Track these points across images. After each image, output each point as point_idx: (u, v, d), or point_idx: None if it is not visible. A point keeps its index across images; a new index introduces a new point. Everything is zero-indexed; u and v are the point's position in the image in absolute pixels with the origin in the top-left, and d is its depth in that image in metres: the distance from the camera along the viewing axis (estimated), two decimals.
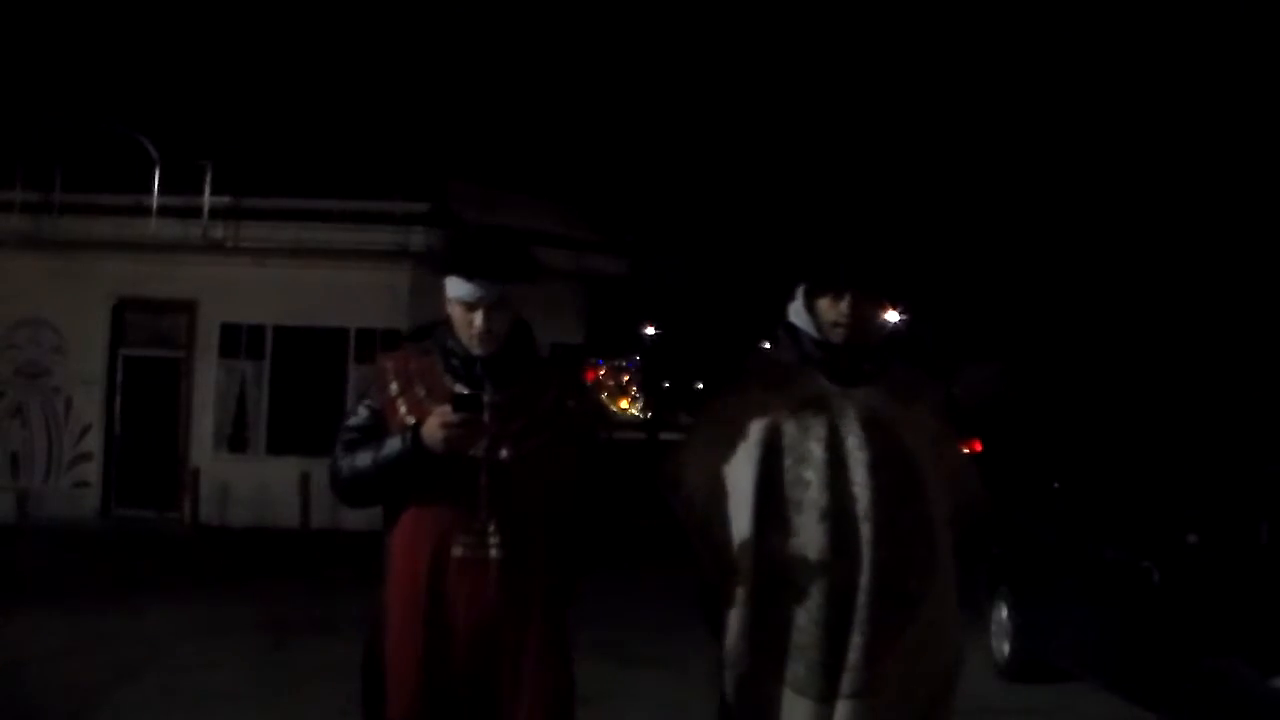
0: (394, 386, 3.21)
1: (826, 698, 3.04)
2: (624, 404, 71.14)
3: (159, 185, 15.87)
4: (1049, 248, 30.53)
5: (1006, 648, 8.07)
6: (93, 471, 16.58)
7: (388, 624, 3.19)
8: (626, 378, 76.58)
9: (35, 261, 16.20)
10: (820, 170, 32.84)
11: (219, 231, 16.12)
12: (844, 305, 3.14)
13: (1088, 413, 29.02)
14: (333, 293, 15.77)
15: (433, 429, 3.05)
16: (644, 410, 52.15)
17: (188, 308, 16.64)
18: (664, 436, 39.61)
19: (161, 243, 16.01)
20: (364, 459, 3.16)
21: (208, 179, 15.87)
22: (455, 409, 3.07)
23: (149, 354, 16.81)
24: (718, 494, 3.19)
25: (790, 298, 3.29)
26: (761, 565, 3.11)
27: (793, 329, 3.26)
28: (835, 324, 3.17)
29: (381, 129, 16.61)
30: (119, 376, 16.77)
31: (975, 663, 8.19)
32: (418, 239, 15.42)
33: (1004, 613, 8.18)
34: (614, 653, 8.29)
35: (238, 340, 16.62)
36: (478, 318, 3.15)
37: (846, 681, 3.03)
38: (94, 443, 16.61)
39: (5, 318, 16.53)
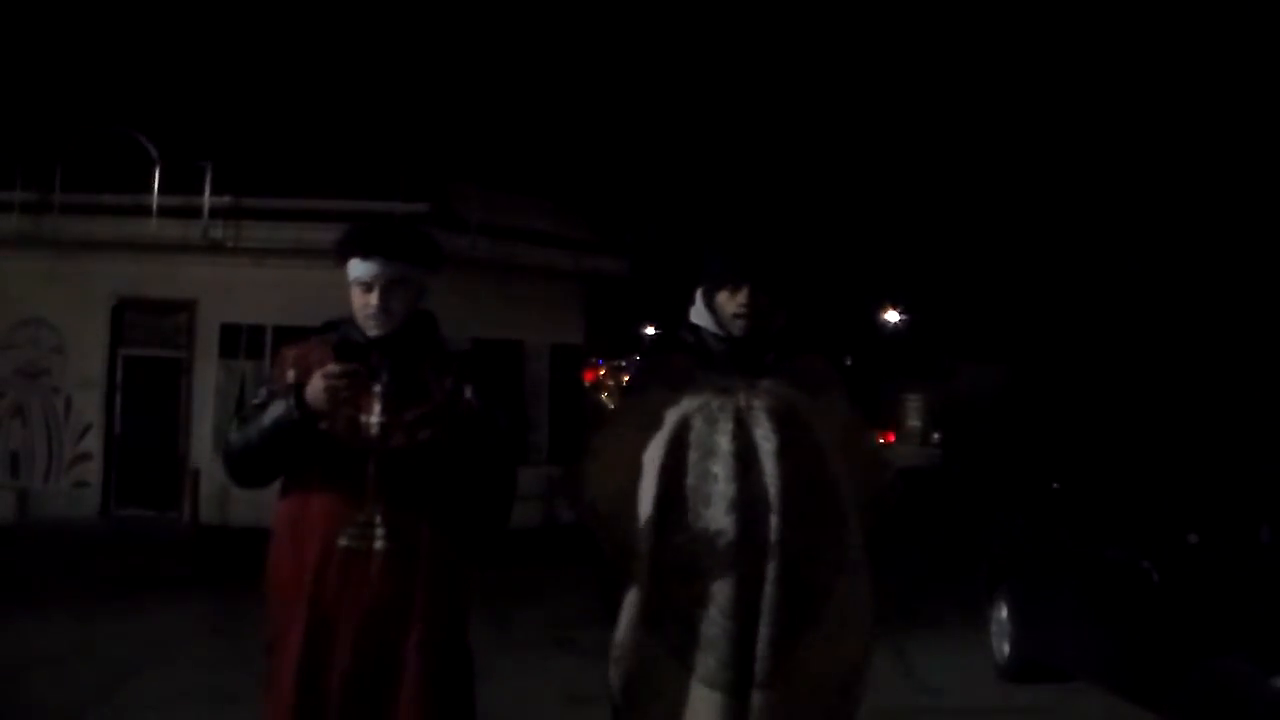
0: (291, 374, 3.20)
1: (737, 690, 3.05)
2: None
3: (159, 185, 15.86)
4: (1050, 249, 30.53)
5: (1006, 648, 8.07)
6: (93, 471, 16.57)
7: (270, 613, 3.18)
8: (626, 378, 76.61)
9: (35, 261, 16.20)
10: (819, 170, 32.82)
11: (219, 231, 16.12)
12: (742, 296, 3.22)
13: (1088, 413, 29.02)
14: (333, 293, 15.61)
15: (315, 383, 3.05)
16: None
17: (188, 308, 16.63)
18: None
19: (161, 243, 16.00)
20: (251, 429, 3.16)
21: (208, 179, 15.87)
22: (337, 358, 3.08)
23: (149, 354, 16.80)
24: (624, 493, 3.21)
25: (690, 301, 3.37)
26: (669, 560, 3.12)
27: (694, 328, 3.34)
28: (735, 315, 3.24)
29: (382, 129, 16.61)
30: (119, 376, 16.76)
31: (975, 663, 8.23)
32: None
33: (1004, 613, 8.18)
34: None
35: (238, 340, 16.61)
36: (373, 297, 3.21)
37: (759, 672, 3.05)
38: (94, 443, 16.61)
39: (5, 318, 16.52)
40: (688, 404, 3.22)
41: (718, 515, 3.11)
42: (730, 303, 3.25)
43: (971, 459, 31.77)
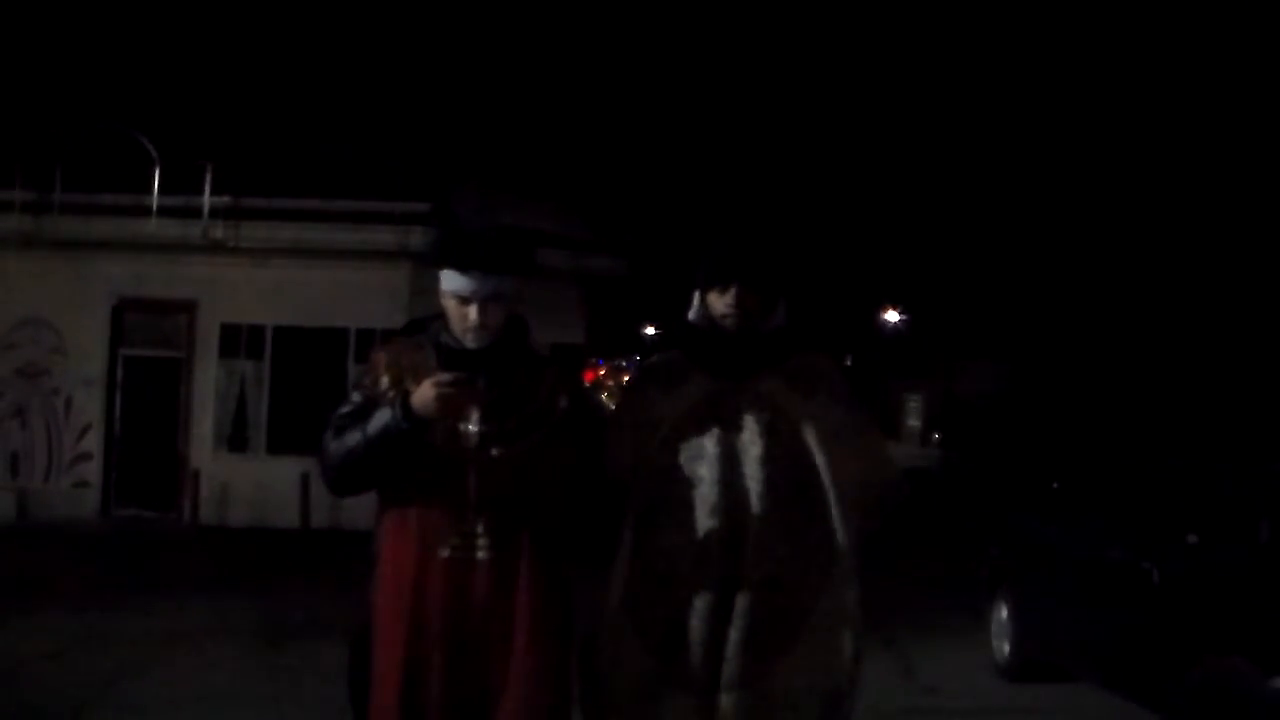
0: (385, 380, 3.17)
1: (710, 691, 3.05)
2: None
3: (159, 185, 15.86)
4: (1049, 249, 30.54)
5: (1006, 648, 8.07)
6: (93, 471, 16.57)
7: (374, 624, 3.16)
8: (626, 378, 76.60)
9: (35, 261, 16.20)
10: (818, 170, 32.84)
11: (219, 231, 16.11)
12: (730, 296, 3.21)
13: (1088, 413, 29.03)
14: (333, 293, 15.77)
15: (424, 391, 3.00)
16: None
17: (188, 308, 16.63)
18: None
19: (161, 243, 16.00)
20: (353, 436, 3.10)
21: (208, 179, 15.86)
22: (446, 366, 3.03)
23: (149, 354, 16.80)
24: (619, 494, 3.22)
25: (688, 304, 3.38)
26: (651, 561, 3.13)
27: (689, 328, 3.34)
28: (724, 315, 3.23)
29: (382, 129, 16.60)
30: (119, 376, 16.76)
31: (975, 663, 8.23)
32: (417, 239, 15.39)
33: (1004, 613, 8.18)
34: None
35: (238, 340, 16.61)
36: (472, 311, 3.13)
37: (726, 672, 3.05)
38: (94, 443, 16.60)
39: (5, 318, 16.52)
40: (679, 405, 3.22)
41: (701, 518, 3.11)
42: (719, 302, 3.24)
43: (971, 459, 31.77)
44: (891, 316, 43.91)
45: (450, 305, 3.18)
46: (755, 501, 3.10)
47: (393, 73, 17.64)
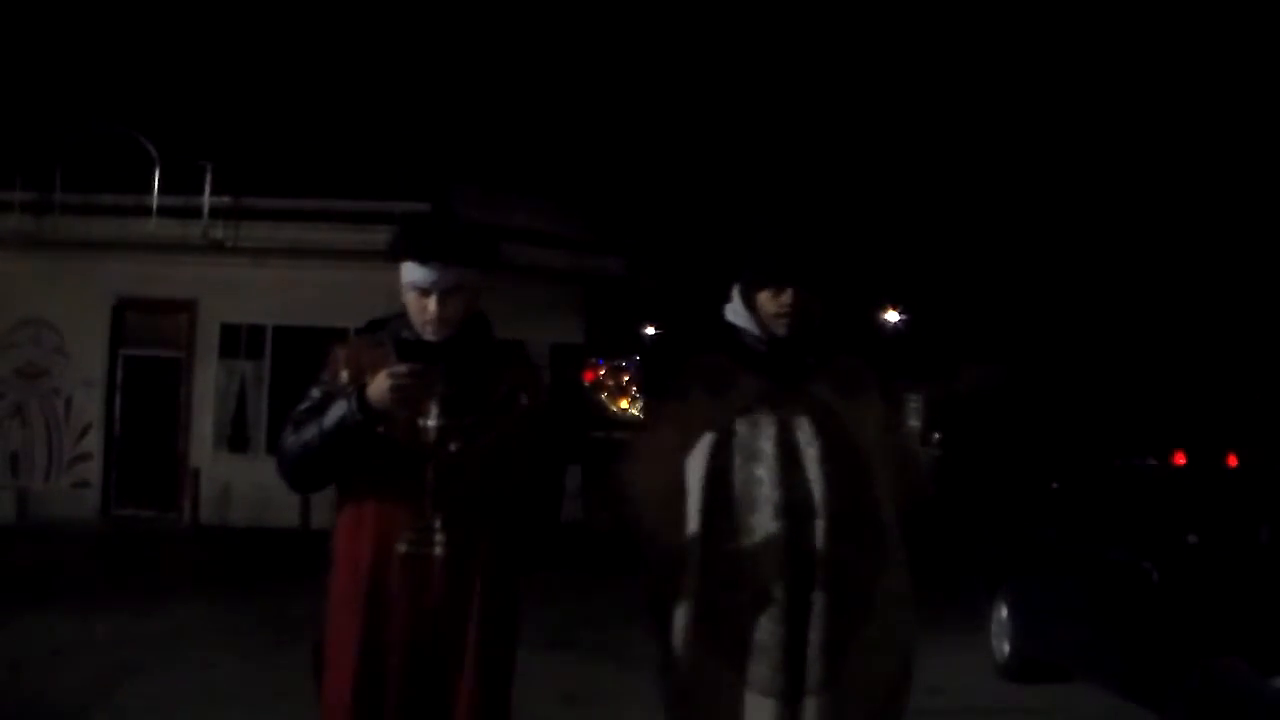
0: (345, 375, 3.15)
1: (792, 697, 3.02)
2: (624, 404, 71.14)
3: (159, 185, 15.87)
4: (1050, 248, 30.53)
5: (1006, 648, 8.07)
6: (93, 471, 16.58)
7: (329, 620, 3.15)
8: (626, 378, 76.59)
9: (35, 261, 16.21)
10: (819, 170, 32.82)
11: (219, 231, 16.12)
12: (785, 297, 3.15)
13: (1088, 413, 29.01)
14: (333, 293, 15.76)
15: (379, 383, 2.99)
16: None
17: (188, 308, 16.64)
18: None
19: (161, 243, 16.01)
20: (310, 431, 3.09)
21: (208, 179, 15.88)
22: (401, 357, 3.00)
23: (149, 354, 16.81)
24: (668, 500, 3.16)
25: (726, 299, 3.30)
26: (716, 567, 3.09)
27: (732, 328, 3.26)
28: (777, 315, 3.17)
29: (382, 129, 16.61)
30: (119, 376, 16.77)
31: (975, 663, 8.22)
32: None
33: (1004, 613, 8.18)
34: (614, 653, 8.28)
35: (238, 340, 16.62)
36: (431, 303, 3.11)
37: (810, 678, 3.02)
38: (94, 443, 16.61)
39: (5, 318, 16.54)
40: (730, 408, 3.17)
41: (764, 520, 3.07)
42: (772, 303, 3.17)
43: (971, 459, 31.75)
44: (891, 316, 43.91)
45: (410, 298, 3.16)
46: (818, 500, 3.07)
47: (392, 73, 17.64)
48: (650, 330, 42.60)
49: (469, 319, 3.19)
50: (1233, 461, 7.01)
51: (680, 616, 3.11)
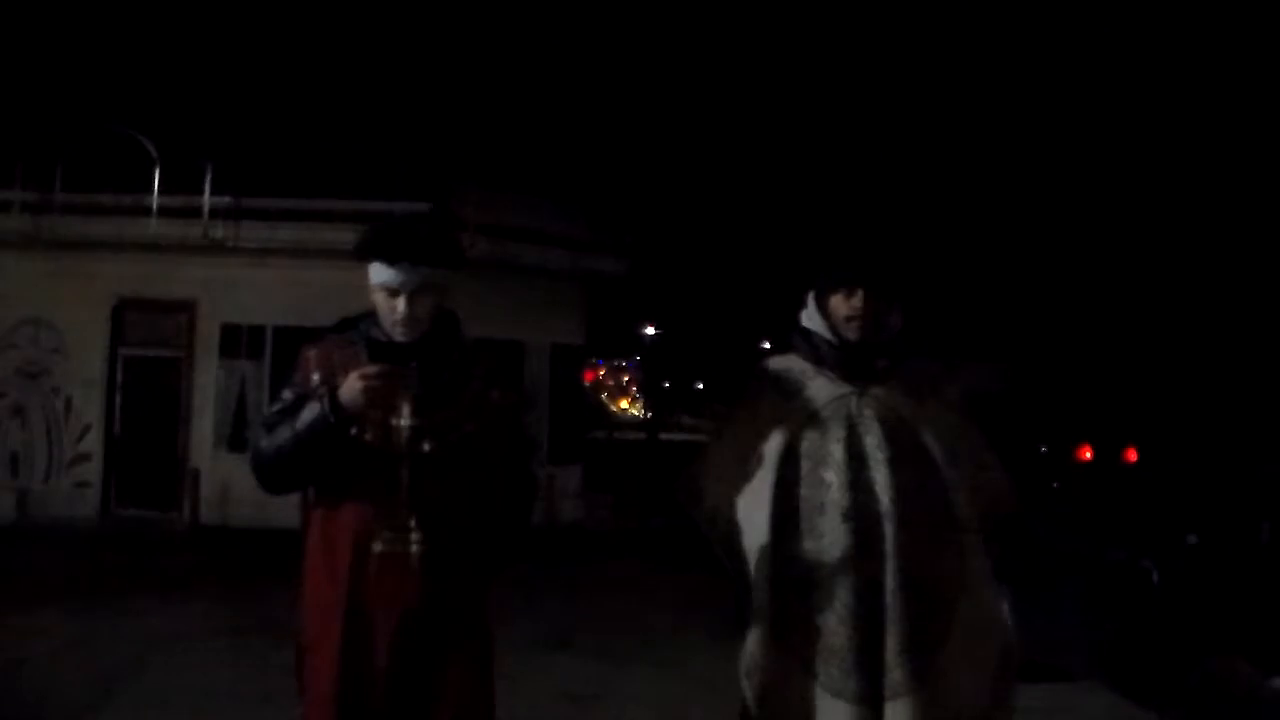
0: (316, 376, 3.17)
1: (864, 699, 3.02)
2: (624, 404, 71.15)
3: (159, 185, 15.86)
4: (1050, 247, 30.53)
5: None
6: (93, 471, 16.58)
7: (306, 621, 3.16)
8: (626, 378, 76.65)
9: (35, 261, 16.21)
10: (819, 170, 32.82)
11: (219, 231, 16.11)
12: (856, 300, 3.16)
13: (1087, 413, 29.01)
14: (333, 293, 15.64)
15: (351, 384, 3.00)
16: (644, 410, 52.16)
17: (188, 308, 16.64)
18: (664, 437, 39.61)
19: (161, 243, 16.01)
20: (283, 433, 3.11)
21: (208, 179, 15.87)
22: (372, 358, 3.03)
23: (149, 354, 16.81)
24: (740, 503, 3.18)
25: (802, 304, 3.30)
26: (786, 569, 3.09)
27: (806, 333, 3.28)
28: (849, 318, 3.19)
29: (383, 129, 16.61)
30: (119, 376, 16.76)
31: None
32: None
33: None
34: (614, 653, 8.29)
35: (238, 340, 16.61)
36: (400, 303, 3.13)
37: (889, 682, 3.01)
38: (94, 443, 16.61)
39: (5, 318, 16.53)
40: (800, 411, 3.18)
41: (832, 524, 3.08)
42: (844, 306, 3.18)
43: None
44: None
45: (379, 298, 3.18)
46: (887, 504, 3.07)
47: (393, 73, 17.64)
48: (650, 330, 42.59)
49: (438, 318, 3.21)
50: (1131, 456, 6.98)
51: (756, 619, 3.13)
